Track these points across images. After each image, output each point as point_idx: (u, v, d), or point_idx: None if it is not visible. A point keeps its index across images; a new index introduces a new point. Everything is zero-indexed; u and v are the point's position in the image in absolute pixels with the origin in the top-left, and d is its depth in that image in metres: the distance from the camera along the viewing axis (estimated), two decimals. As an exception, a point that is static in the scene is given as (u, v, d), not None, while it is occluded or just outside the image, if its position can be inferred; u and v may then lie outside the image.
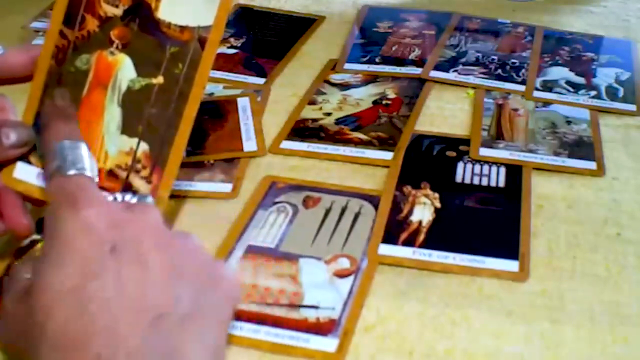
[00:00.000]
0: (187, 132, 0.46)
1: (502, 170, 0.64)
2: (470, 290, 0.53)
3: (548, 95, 0.75)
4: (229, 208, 0.60)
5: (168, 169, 0.47)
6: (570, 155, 0.66)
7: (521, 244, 0.56)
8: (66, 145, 0.45)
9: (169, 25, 0.47)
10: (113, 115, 0.47)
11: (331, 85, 0.77)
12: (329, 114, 0.72)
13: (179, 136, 0.46)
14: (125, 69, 0.47)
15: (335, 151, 0.67)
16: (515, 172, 0.64)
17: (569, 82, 0.77)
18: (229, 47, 0.84)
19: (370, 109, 0.73)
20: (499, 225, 0.58)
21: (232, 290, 0.44)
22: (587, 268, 0.55)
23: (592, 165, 0.65)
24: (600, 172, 0.64)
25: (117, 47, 0.47)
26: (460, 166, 0.65)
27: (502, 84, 0.76)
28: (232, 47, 0.84)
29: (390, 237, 0.57)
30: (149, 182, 0.47)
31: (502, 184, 0.63)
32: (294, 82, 0.78)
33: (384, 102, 0.74)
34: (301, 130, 0.70)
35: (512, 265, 0.54)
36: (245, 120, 0.70)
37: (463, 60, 0.81)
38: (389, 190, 0.61)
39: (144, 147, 0.47)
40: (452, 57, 0.81)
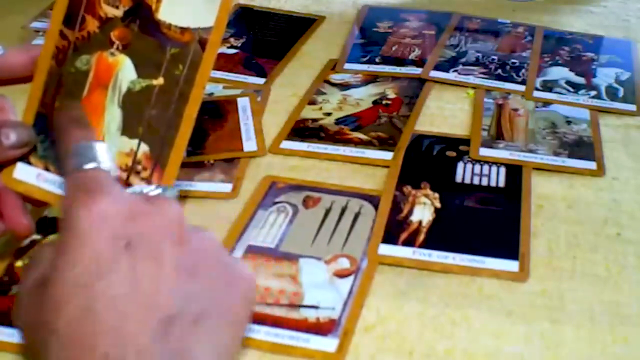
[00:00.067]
0: (187, 133, 0.46)
1: (502, 170, 0.64)
2: (470, 290, 0.53)
3: (548, 95, 0.75)
4: (229, 208, 0.60)
5: (168, 170, 0.47)
6: (570, 155, 0.66)
7: (521, 244, 0.56)
8: (83, 145, 0.44)
9: (170, 27, 0.47)
10: (113, 116, 0.47)
11: (331, 85, 0.77)
12: (329, 114, 0.72)
13: (180, 137, 0.46)
14: (125, 70, 0.47)
15: (335, 151, 0.67)
16: (515, 172, 0.64)
17: (569, 82, 0.77)
18: (229, 47, 0.84)
19: (370, 109, 0.73)
20: (499, 225, 0.58)
21: (248, 291, 0.43)
22: (587, 268, 0.55)
23: (592, 165, 0.65)
24: (600, 172, 0.64)
25: (118, 48, 0.47)
26: (460, 166, 0.65)
27: (502, 84, 0.76)
28: (232, 47, 0.84)
29: (390, 237, 0.57)
30: (150, 183, 0.47)
31: (502, 184, 0.63)
32: (294, 82, 0.78)
33: (384, 102, 0.74)
34: (301, 130, 0.70)
35: (512, 265, 0.54)
36: (245, 120, 0.71)
37: (463, 60, 0.81)
38: (389, 190, 0.61)
39: (144, 148, 0.46)
40: (452, 57, 0.81)
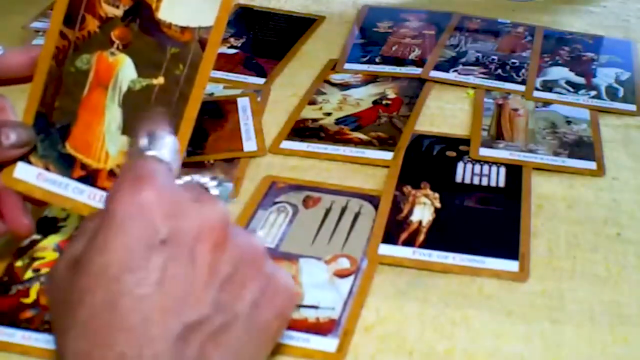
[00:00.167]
0: (187, 133, 0.46)
1: (502, 170, 0.64)
2: (470, 290, 0.53)
3: (548, 95, 0.75)
4: (229, 208, 0.60)
5: None
6: (570, 155, 0.66)
7: (521, 244, 0.56)
8: (155, 132, 0.42)
9: (170, 26, 0.47)
10: (114, 115, 0.47)
11: (331, 85, 0.77)
12: (329, 114, 0.72)
13: (180, 137, 0.46)
14: (125, 70, 0.47)
15: (335, 151, 0.67)
16: (515, 172, 0.64)
17: (569, 82, 0.77)
18: (229, 47, 0.84)
19: (370, 109, 0.73)
20: (499, 225, 0.58)
21: (285, 306, 0.41)
22: (587, 268, 0.55)
23: (592, 165, 0.65)
24: (600, 172, 0.64)
25: (118, 48, 0.47)
26: (460, 166, 0.65)
27: (502, 84, 0.76)
28: (232, 47, 0.84)
29: (390, 237, 0.57)
30: None
31: (502, 184, 0.63)
32: (294, 82, 0.78)
33: (384, 102, 0.74)
34: (301, 130, 0.70)
35: (512, 265, 0.54)
36: (245, 120, 0.71)
37: (463, 60, 0.81)
38: (389, 190, 0.61)
39: None
40: (452, 57, 0.81)
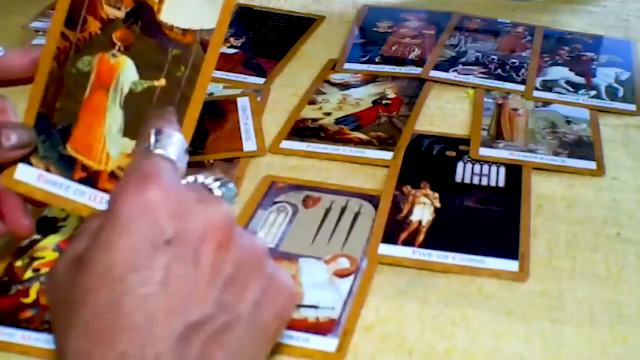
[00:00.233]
0: (189, 135, 0.46)
1: (502, 170, 0.64)
2: (470, 290, 0.53)
3: (548, 95, 0.75)
4: (233, 209, 0.60)
5: None
6: (570, 155, 0.66)
7: (521, 244, 0.56)
8: (163, 130, 0.42)
9: (172, 28, 0.47)
10: (115, 117, 0.47)
11: (331, 85, 0.77)
12: (329, 114, 0.72)
13: None
14: (127, 72, 0.47)
15: (335, 151, 0.67)
16: (515, 172, 0.64)
17: (569, 82, 0.77)
18: (229, 47, 0.84)
19: (370, 109, 0.73)
20: (499, 225, 0.58)
21: (285, 307, 0.41)
22: (587, 268, 0.55)
23: (592, 165, 0.65)
24: (600, 172, 0.65)
25: (120, 50, 0.47)
26: (460, 166, 0.65)
27: (502, 84, 0.76)
28: (232, 47, 0.84)
29: (390, 237, 0.57)
30: None
31: (502, 184, 0.63)
32: (294, 82, 0.78)
33: (384, 102, 0.74)
34: (301, 130, 0.70)
35: (512, 265, 0.54)
36: (245, 120, 0.71)
37: (463, 60, 0.81)
38: (389, 190, 0.62)
39: None
40: (452, 57, 0.81)
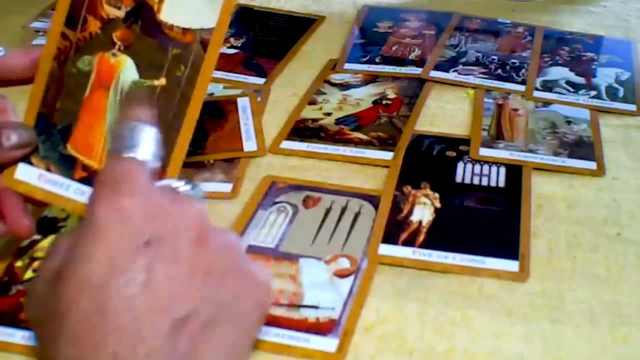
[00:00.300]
0: (189, 135, 0.46)
1: (502, 170, 0.64)
2: (470, 290, 0.53)
3: (548, 95, 0.75)
4: (229, 208, 0.60)
5: (170, 171, 0.47)
6: (570, 155, 0.66)
7: (521, 244, 0.56)
8: (131, 126, 0.43)
9: (171, 27, 0.47)
10: (115, 116, 0.47)
11: (331, 85, 0.77)
12: (329, 114, 0.72)
13: (181, 138, 0.46)
14: (127, 71, 0.47)
15: (335, 151, 0.67)
16: (515, 172, 0.64)
17: (569, 82, 0.77)
18: (229, 47, 0.84)
19: (370, 109, 0.73)
20: (499, 225, 0.58)
21: (262, 297, 0.43)
22: (587, 268, 0.55)
23: (592, 165, 0.65)
24: (600, 172, 0.64)
25: (119, 49, 0.47)
26: (460, 166, 0.65)
27: (502, 84, 0.76)
28: (232, 47, 0.84)
29: (390, 237, 0.57)
30: None
31: (502, 184, 0.63)
32: (294, 82, 0.78)
33: (384, 102, 0.74)
34: (301, 130, 0.70)
35: (512, 265, 0.54)
36: (245, 120, 0.71)
37: (463, 60, 0.81)
38: (389, 190, 0.62)
39: None
40: (452, 57, 0.81)
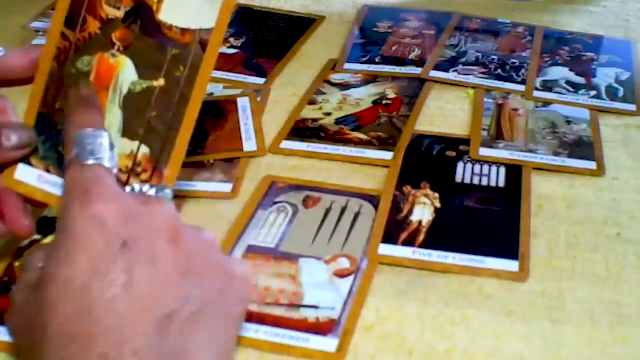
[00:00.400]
0: (188, 135, 0.46)
1: (502, 170, 0.64)
2: (470, 290, 0.53)
3: (548, 95, 0.75)
4: (229, 208, 0.60)
5: (169, 172, 0.47)
6: (570, 155, 0.66)
7: (521, 244, 0.56)
8: (87, 134, 0.44)
9: (171, 28, 0.47)
10: (114, 117, 0.47)
11: (331, 85, 0.77)
12: (329, 114, 0.72)
13: (180, 139, 0.46)
14: (126, 71, 0.47)
15: (335, 151, 0.67)
16: (515, 172, 0.64)
17: (569, 82, 0.77)
18: (229, 47, 0.84)
19: (370, 109, 0.73)
20: (499, 225, 0.58)
21: (242, 289, 0.43)
22: (587, 268, 0.55)
23: (592, 165, 0.65)
24: (600, 172, 0.64)
25: (119, 49, 0.47)
26: (460, 166, 0.65)
27: (502, 84, 0.76)
28: (232, 47, 0.84)
29: (390, 237, 0.57)
30: (151, 186, 0.47)
31: (502, 184, 0.63)
32: (294, 82, 0.78)
33: (384, 102, 0.74)
34: (301, 130, 0.70)
35: (512, 265, 0.54)
36: (245, 120, 0.71)
37: (463, 60, 0.81)
38: (389, 190, 0.62)
39: (145, 150, 0.46)
40: (452, 57, 0.81)
